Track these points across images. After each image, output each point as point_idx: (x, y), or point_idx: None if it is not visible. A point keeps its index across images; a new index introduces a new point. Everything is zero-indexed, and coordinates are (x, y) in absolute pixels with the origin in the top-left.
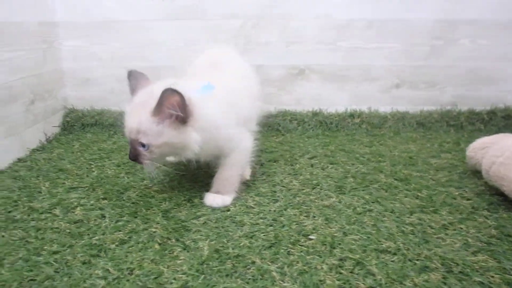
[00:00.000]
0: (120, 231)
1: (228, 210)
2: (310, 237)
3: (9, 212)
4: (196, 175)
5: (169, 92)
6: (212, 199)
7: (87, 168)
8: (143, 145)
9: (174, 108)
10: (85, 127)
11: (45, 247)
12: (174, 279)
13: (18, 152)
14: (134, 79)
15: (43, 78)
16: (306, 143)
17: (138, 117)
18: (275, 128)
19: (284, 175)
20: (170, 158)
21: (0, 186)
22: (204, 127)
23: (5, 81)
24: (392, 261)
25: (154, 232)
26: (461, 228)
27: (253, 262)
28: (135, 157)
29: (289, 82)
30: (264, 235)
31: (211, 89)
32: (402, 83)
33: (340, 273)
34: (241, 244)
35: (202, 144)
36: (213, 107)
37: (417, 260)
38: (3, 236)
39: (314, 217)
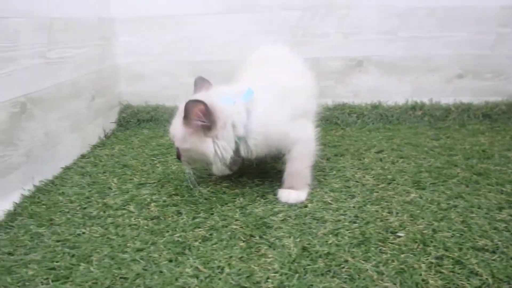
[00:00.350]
0: (199, 228)
1: (306, 206)
2: (398, 234)
3: (84, 208)
4: (263, 170)
5: (191, 104)
6: (287, 195)
7: (150, 164)
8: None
9: (200, 118)
10: (141, 123)
11: (128, 244)
12: (268, 278)
13: (81, 148)
14: (196, 85)
15: (102, 74)
16: (368, 136)
17: (176, 121)
18: (334, 122)
19: (355, 170)
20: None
21: (69, 182)
22: (257, 129)
23: (71, 78)
24: (493, 259)
25: (235, 229)
26: None
27: (346, 261)
28: (178, 156)
29: (347, 74)
30: (349, 232)
31: (251, 94)
32: (465, 73)
33: (441, 272)
34: (329, 242)
35: (226, 152)
36: (264, 108)
37: None
38: (83, 232)
39: (398, 213)
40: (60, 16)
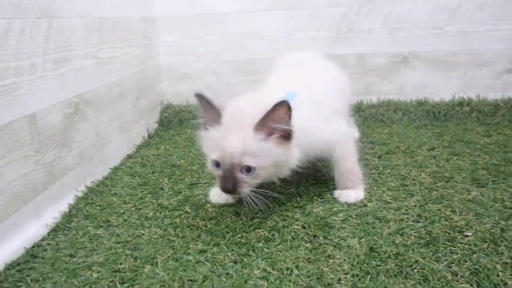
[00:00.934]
0: (260, 228)
1: (366, 206)
2: (466, 233)
3: (140, 209)
4: (317, 169)
5: (282, 105)
6: (346, 194)
7: (198, 163)
8: (248, 170)
9: (283, 122)
10: (183, 122)
11: (190, 246)
12: (339, 279)
13: (127, 148)
14: (204, 99)
15: (145, 74)
16: (416, 134)
17: (240, 138)
18: (379, 119)
19: (409, 168)
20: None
21: (120, 183)
22: (300, 137)
23: (118, 78)
24: None
25: (297, 229)
26: None
27: (417, 261)
28: (233, 186)
29: (392, 71)
30: (415, 232)
31: (294, 97)
32: None
33: None
34: (396, 242)
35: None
36: (303, 113)
37: None
38: (143, 234)
39: (461, 212)
40: (107, 16)
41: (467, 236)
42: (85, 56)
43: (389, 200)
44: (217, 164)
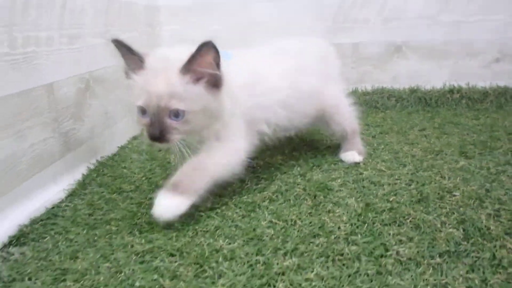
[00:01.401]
0: (264, 191)
1: (361, 174)
2: (454, 193)
3: (150, 178)
4: (314, 146)
5: (207, 47)
6: (352, 155)
7: None
8: (176, 115)
9: (210, 67)
10: None
11: (200, 205)
12: (339, 227)
13: (134, 130)
14: (123, 45)
15: None
16: (409, 118)
17: (166, 79)
18: (374, 105)
19: (401, 144)
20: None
21: (129, 159)
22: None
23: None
24: None
25: (299, 191)
26: None
27: (409, 214)
28: (161, 133)
29: (385, 60)
30: (407, 193)
31: (230, 57)
32: (503, 57)
33: (500, 221)
34: (390, 199)
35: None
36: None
37: None
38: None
39: (450, 178)
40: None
41: (455, 195)
42: (95, 35)
43: (383, 169)
44: (143, 111)
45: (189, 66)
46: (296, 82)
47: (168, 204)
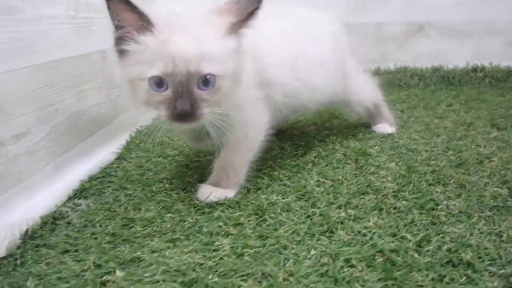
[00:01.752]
0: (306, 156)
1: (397, 142)
2: (492, 159)
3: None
4: (347, 122)
5: None
6: (383, 127)
7: None
8: (206, 83)
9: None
10: None
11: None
12: (385, 186)
13: None
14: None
15: None
16: (433, 95)
17: (195, 36)
18: (396, 84)
19: (431, 118)
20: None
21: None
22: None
23: None
24: None
25: (340, 156)
26: None
27: (451, 175)
28: (193, 107)
29: (407, 39)
30: (446, 158)
31: None
32: None
33: None
34: (431, 164)
35: None
36: None
37: None
38: (200, 160)
39: (485, 146)
40: None
41: (493, 161)
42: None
43: (418, 138)
44: (159, 83)
45: (229, 12)
46: (310, 51)
47: (215, 195)
